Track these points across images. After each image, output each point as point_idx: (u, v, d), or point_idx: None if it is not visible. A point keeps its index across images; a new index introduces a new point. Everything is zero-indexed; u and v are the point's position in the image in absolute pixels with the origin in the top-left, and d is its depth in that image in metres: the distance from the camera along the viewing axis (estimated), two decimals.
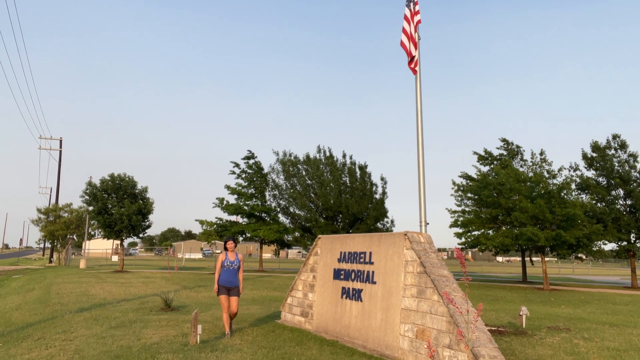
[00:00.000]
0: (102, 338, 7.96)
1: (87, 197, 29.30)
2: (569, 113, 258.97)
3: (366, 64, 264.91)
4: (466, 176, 28.05)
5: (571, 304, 16.26)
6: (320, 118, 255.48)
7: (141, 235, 30.84)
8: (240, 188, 35.73)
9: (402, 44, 9.16)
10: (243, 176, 36.22)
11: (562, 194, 22.84)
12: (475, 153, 29.35)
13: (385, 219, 33.02)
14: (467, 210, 26.70)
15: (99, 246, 77.98)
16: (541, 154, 26.09)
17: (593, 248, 24.10)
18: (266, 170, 36.56)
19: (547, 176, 24.16)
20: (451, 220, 26.55)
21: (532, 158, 26.57)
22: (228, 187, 35.72)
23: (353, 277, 8.24)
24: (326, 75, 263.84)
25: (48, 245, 54.52)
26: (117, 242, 37.96)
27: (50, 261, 43.93)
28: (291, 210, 34.92)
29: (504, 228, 24.73)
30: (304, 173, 34.24)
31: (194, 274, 28.14)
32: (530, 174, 24.56)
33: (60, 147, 44.50)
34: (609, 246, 27.23)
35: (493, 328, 9.70)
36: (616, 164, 25.78)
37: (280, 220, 35.90)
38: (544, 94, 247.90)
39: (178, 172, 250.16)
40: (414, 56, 8.99)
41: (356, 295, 8.05)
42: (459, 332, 5.68)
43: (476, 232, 25.85)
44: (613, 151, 26.27)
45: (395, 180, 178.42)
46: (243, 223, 35.93)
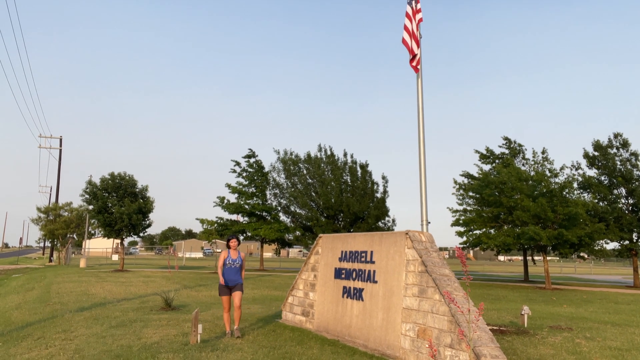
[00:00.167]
0: (103, 337, 7.95)
1: (87, 196, 29.26)
2: (572, 111, 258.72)
3: (367, 62, 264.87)
4: (468, 175, 27.94)
5: (573, 303, 16.24)
6: (321, 116, 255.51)
7: (141, 234, 30.81)
8: (241, 187, 35.73)
9: (404, 41, 9.08)
10: (244, 175, 36.22)
11: (564, 193, 22.77)
12: (476, 151, 29.24)
13: (386, 218, 32.99)
14: (469, 209, 26.65)
15: (99, 245, 77.96)
16: (543, 153, 26.00)
17: (595, 247, 24.06)
18: (267, 169, 36.56)
19: (549, 175, 24.07)
20: (453, 219, 26.50)
21: (534, 157, 26.48)
22: (229, 186, 35.74)
23: (354, 277, 8.21)
24: (327, 73, 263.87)
25: (48, 244, 54.47)
26: (118, 241, 37.87)
27: (50, 260, 43.90)
28: (292, 209, 34.88)
29: (506, 227, 24.66)
30: (305, 172, 34.19)
31: (195, 273, 28.14)
32: (532, 173, 24.49)
33: (60, 146, 44.47)
34: (611, 245, 27.17)
35: (495, 327, 9.69)
36: (618, 163, 25.71)
37: (281, 219, 35.87)
38: (546, 92, 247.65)
39: (178, 171, 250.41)
40: (416, 54, 8.93)
41: (357, 294, 8.03)
42: (461, 332, 5.68)
43: (478, 231, 25.78)
44: (615, 150, 26.20)
45: (396, 179, 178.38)
46: (244, 222, 35.91)
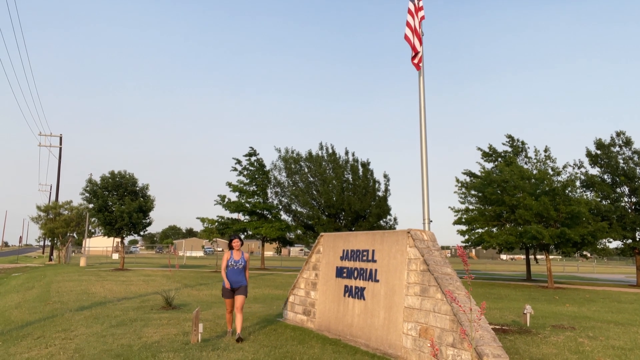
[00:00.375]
0: (103, 337, 7.93)
1: (88, 195, 29.21)
2: (574, 109, 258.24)
3: (369, 60, 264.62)
4: (470, 173, 27.85)
5: (576, 303, 16.19)
6: (322, 114, 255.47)
7: (142, 233, 30.76)
8: (241, 185, 35.69)
9: (407, 38, 9.03)
10: (245, 173, 36.18)
11: (567, 192, 22.68)
12: (479, 149, 29.12)
13: (388, 217, 32.94)
14: (471, 207, 26.56)
15: (99, 244, 77.95)
16: (545, 151, 25.89)
17: (598, 246, 24.00)
18: (268, 167, 36.50)
19: (552, 173, 23.97)
20: (455, 217, 26.41)
21: (537, 155, 26.38)
22: (230, 185, 35.69)
23: (356, 275, 8.17)
24: (328, 71, 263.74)
25: (48, 243, 54.56)
26: (118, 240, 37.84)
27: (50, 259, 43.86)
28: (293, 207, 34.82)
29: (508, 226, 24.58)
30: (306, 170, 34.12)
31: (195, 272, 28.11)
32: (534, 171, 24.38)
33: (60, 144, 44.42)
34: (614, 244, 27.14)
35: (497, 326, 9.66)
36: (621, 161, 25.61)
37: (282, 217, 35.84)
38: (549, 90, 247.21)
39: (179, 169, 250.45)
40: (419, 52, 8.87)
41: (359, 293, 7.99)
42: (463, 331, 5.66)
43: (480, 230, 25.71)
44: (618, 148, 26.09)
45: (398, 177, 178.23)
46: (245, 221, 35.87)
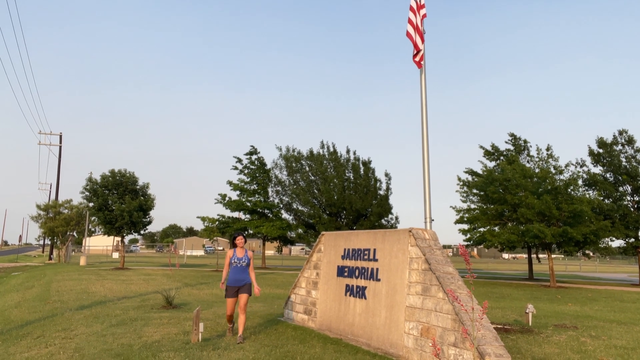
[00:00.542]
0: (103, 336, 7.90)
1: (88, 193, 29.12)
2: (577, 108, 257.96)
3: (370, 58, 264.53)
4: (472, 172, 27.75)
5: (578, 302, 16.15)
6: (323, 113, 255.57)
7: (142, 231, 30.68)
8: (242, 184, 35.63)
9: (408, 35, 9.01)
10: (245, 172, 36.12)
11: (569, 190, 22.60)
12: (481, 147, 29.03)
13: (389, 216, 32.86)
14: (473, 206, 26.48)
15: (100, 243, 77.89)
16: (547, 150, 25.79)
17: (600, 245, 23.93)
18: (269, 165, 36.40)
19: (554, 172, 23.90)
20: (457, 217, 26.33)
21: (539, 153, 26.28)
22: (230, 183, 35.62)
23: (357, 275, 8.14)
24: (330, 69, 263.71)
25: (48, 242, 54.50)
26: (118, 239, 37.84)
27: (50, 258, 43.85)
28: (294, 206, 34.75)
29: (510, 224, 24.50)
30: (307, 169, 34.02)
31: (196, 271, 28.08)
32: (536, 170, 24.30)
33: (60, 143, 44.42)
34: (617, 243, 27.06)
35: (499, 326, 9.63)
36: (623, 160, 25.51)
37: (283, 216, 35.75)
38: (552, 89, 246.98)
39: (179, 168, 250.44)
40: (420, 50, 8.83)
41: (360, 292, 7.96)
42: (464, 330, 5.64)
43: (482, 229, 25.64)
44: (620, 147, 25.99)
45: (399, 176, 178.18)
46: (245, 219, 35.84)
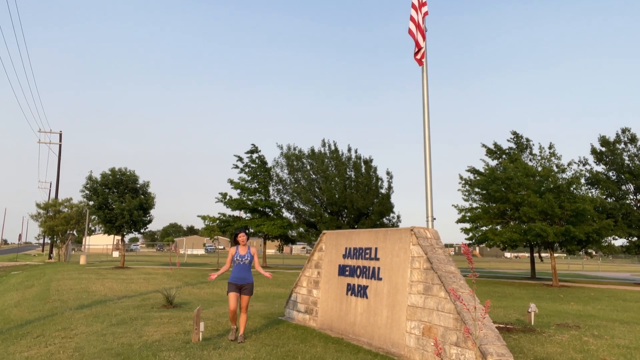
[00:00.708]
0: (103, 335, 7.87)
1: (88, 192, 29.00)
2: (580, 106, 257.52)
3: (372, 56, 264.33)
4: (474, 170, 27.67)
5: (580, 301, 16.10)
6: (325, 111, 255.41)
7: (142, 230, 30.58)
8: (243, 182, 35.58)
9: (410, 32, 9.03)
10: (246, 170, 36.06)
11: (572, 189, 22.52)
12: (484, 146, 28.96)
13: (391, 214, 32.82)
14: (475, 205, 26.41)
15: (100, 242, 77.79)
16: (550, 148, 25.70)
17: (603, 244, 23.86)
18: (270, 164, 36.35)
19: (556, 170, 23.81)
20: (459, 216, 26.25)
21: (541, 152, 26.19)
22: (231, 182, 35.57)
23: (358, 274, 8.11)
24: (331, 67, 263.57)
25: (47, 240, 54.44)
26: (118, 238, 37.77)
27: (49, 257, 43.81)
28: (295, 205, 34.71)
29: (512, 223, 24.42)
30: (309, 167, 33.98)
31: (196, 270, 28.01)
32: (539, 168, 24.22)
33: (60, 141, 44.33)
34: (619, 242, 27.01)
35: (501, 325, 9.59)
36: (626, 159, 25.44)
37: (284, 215, 35.71)
38: (554, 87, 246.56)
39: (180, 167, 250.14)
40: (422, 47, 8.81)
41: (361, 292, 7.94)
42: (466, 330, 5.61)
43: (484, 228, 25.57)
44: (623, 145, 25.91)
45: (401, 174, 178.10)
46: (246, 218, 35.82)
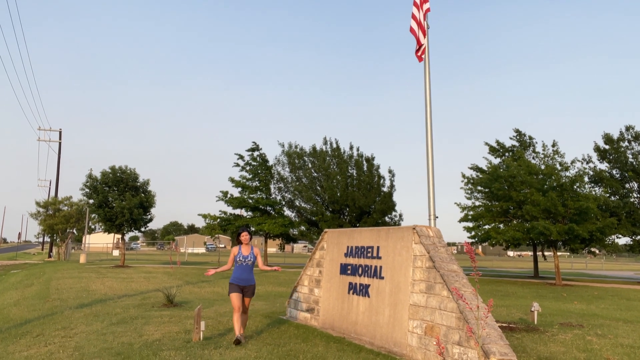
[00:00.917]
0: (103, 334, 7.84)
1: (88, 190, 28.84)
2: (583, 104, 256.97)
3: (375, 54, 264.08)
4: (476, 168, 27.58)
5: (584, 300, 16.05)
6: (327, 109, 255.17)
7: (143, 229, 30.47)
8: (244, 181, 35.46)
9: (412, 30, 9.00)
10: (247, 168, 35.92)
11: (575, 187, 22.43)
12: (486, 144, 28.89)
13: (393, 213, 32.76)
14: (477, 204, 26.34)
15: (100, 240, 77.75)
16: (553, 146, 25.57)
17: (606, 242, 23.75)
18: (271, 162, 36.23)
19: (560, 168, 23.70)
20: (461, 214, 26.16)
21: (544, 150, 26.08)
22: (232, 180, 35.44)
23: (360, 272, 8.07)
24: (333, 65, 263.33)
25: (47, 239, 54.40)
26: (118, 236, 37.69)
27: (49, 256, 43.76)
28: (297, 203, 34.66)
29: (515, 222, 24.34)
30: (310, 165, 33.89)
31: (197, 269, 27.95)
32: (542, 166, 24.12)
33: (59, 139, 44.25)
34: (623, 240, 26.93)
35: (504, 324, 9.54)
36: (630, 157, 25.32)
37: (285, 213, 35.64)
38: (558, 85, 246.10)
39: (181, 165, 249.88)
40: (422, 44, 8.76)
41: (363, 290, 7.90)
42: (469, 329, 5.58)
43: (486, 226, 25.49)
44: (627, 143, 25.80)
45: (403, 172, 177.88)
46: (247, 217, 35.71)
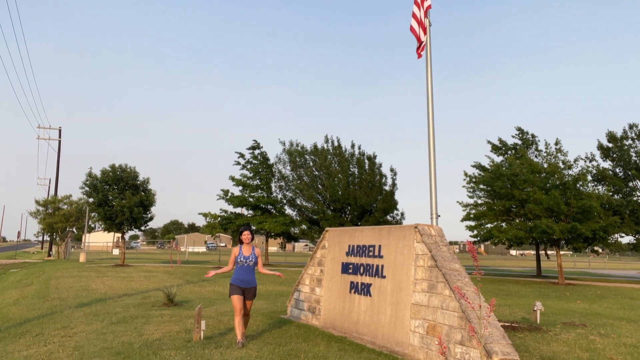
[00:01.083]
0: (103, 334, 7.80)
1: (87, 189, 28.76)
2: (586, 102, 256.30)
3: (376, 52, 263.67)
4: (479, 166, 27.49)
5: (587, 299, 15.98)
6: (328, 107, 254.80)
7: (143, 228, 30.30)
8: (245, 179, 35.44)
9: (412, 29, 8.97)
10: (248, 167, 35.89)
11: (578, 185, 22.35)
12: (489, 142, 28.81)
13: (394, 211, 32.75)
14: (480, 202, 26.26)
15: (100, 239, 77.73)
16: (556, 144, 25.45)
17: (609, 241, 23.65)
18: (272, 160, 36.23)
19: (563, 167, 23.60)
20: (463, 213, 26.09)
21: (547, 148, 25.98)
22: (233, 179, 35.41)
23: (362, 271, 8.03)
24: (335, 63, 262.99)
25: (47, 238, 54.30)
26: (118, 235, 37.61)
27: (49, 255, 43.68)
28: (298, 202, 34.63)
29: (518, 220, 24.27)
30: (311, 164, 33.86)
31: (198, 268, 27.90)
32: (544, 165, 24.03)
33: (59, 137, 44.16)
34: (626, 239, 26.79)
35: (506, 324, 9.51)
36: (633, 155, 25.21)
37: (286, 212, 35.61)
38: (561, 83, 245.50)
39: (181, 163, 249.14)
40: (423, 41, 8.71)
41: (365, 289, 7.86)
42: (471, 328, 5.52)
43: (489, 225, 25.42)
44: (630, 141, 25.69)
45: (405, 171, 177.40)
46: (248, 215, 35.67)
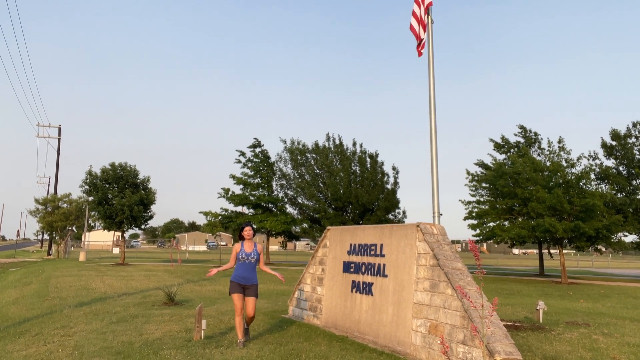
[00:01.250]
0: (103, 333, 7.78)
1: (87, 187, 28.71)
2: (589, 100, 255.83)
3: (378, 50, 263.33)
4: (482, 164, 27.41)
5: (590, 298, 15.92)
6: (329, 105, 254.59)
7: (143, 226, 30.20)
8: (246, 178, 35.34)
9: (412, 28, 8.91)
10: (249, 165, 35.78)
11: (581, 184, 22.27)
12: (491, 140, 28.72)
13: (396, 210, 32.67)
14: (482, 200, 26.20)
15: (99, 238, 77.73)
16: (559, 142, 25.36)
17: (613, 240, 23.57)
18: (273, 159, 36.12)
19: (566, 165, 23.51)
20: (465, 211, 26.02)
21: (550, 146, 25.89)
22: (233, 177, 35.30)
23: (363, 270, 8.00)
24: (336, 61, 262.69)
25: (46, 237, 54.32)
26: (118, 234, 37.51)
27: (48, 253, 43.77)
28: (299, 200, 34.58)
29: (520, 219, 24.20)
30: (313, 162, 33.78)
31: (198, 267, 27.89)
32: (547, 163, 23.95)
33: (59, 135, 44.20)
34: (630, 238, 26.68)
35: (509, 323, 9.45)
36: (637, 153, 25.13)
37: (287, 211, 35.53)
38: (563, 81, 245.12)
39: (182, 162, 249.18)
40: (423, 39, 8.65)
41: (366, 289, 7.82)
42: (474, 328, 5.54)
43: (491, 224, 25.35)
44: (634, 139, 25.59)
45: (407, 169, 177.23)
46: (249, 214, 35.61)
